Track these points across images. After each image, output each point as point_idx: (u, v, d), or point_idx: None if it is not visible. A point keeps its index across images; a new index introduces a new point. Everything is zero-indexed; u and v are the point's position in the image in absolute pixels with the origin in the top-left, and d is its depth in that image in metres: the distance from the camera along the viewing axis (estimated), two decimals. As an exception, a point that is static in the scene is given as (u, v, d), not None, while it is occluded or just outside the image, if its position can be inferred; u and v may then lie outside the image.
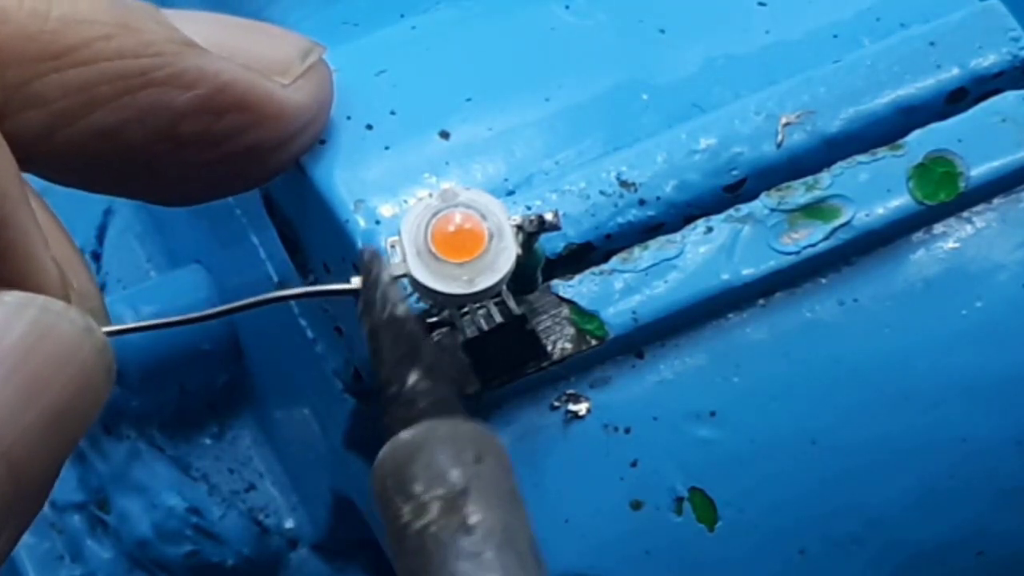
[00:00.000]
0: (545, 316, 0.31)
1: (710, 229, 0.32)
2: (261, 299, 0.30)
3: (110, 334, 0.27)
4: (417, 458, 0.26)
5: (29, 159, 0.27)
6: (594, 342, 0.31)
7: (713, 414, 0.32)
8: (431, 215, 0.29)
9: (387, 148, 0.32)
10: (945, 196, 0.33)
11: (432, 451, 0.26)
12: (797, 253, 0.32)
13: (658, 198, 0.32)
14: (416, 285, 0.29)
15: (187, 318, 0.29)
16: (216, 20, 0.30)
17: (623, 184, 0.32)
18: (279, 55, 0.30)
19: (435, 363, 0.28)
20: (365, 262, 0.29)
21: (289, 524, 0.44)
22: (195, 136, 0.29)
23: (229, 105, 0.29)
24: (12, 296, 0.25)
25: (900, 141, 0.33)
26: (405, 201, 0.31)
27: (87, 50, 0.27)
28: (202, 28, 0.29)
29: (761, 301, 0.32)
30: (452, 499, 0.25)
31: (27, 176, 0.28)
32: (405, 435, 0.26)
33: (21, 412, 0.25)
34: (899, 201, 0.33)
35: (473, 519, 0.25)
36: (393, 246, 0.29)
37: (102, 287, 0.46)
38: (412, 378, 0.27)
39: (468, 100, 0.33)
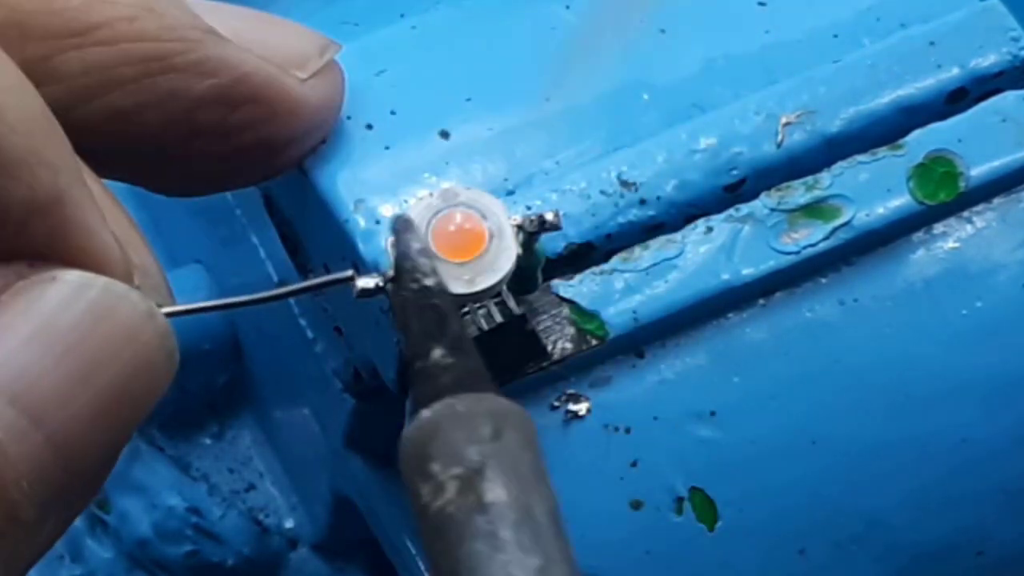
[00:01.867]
0: (545, 316, 0.31)
1: (710, 229, 0.32)
2: (308, 284, 0.29)
3: (170, 315, 0.27)
4: (435, 437, 0.25)
5: None
6: (594, 342, 0.31)
7: (713, 414, 0.32)
8: (431, 215, 0.29)
9: (387, 148, 0.32)
10: (945, 196, 0.33)
11: (449, 429, 0.25)
12: (797, 253, 0.32)
13: (658, 198, 0.32)
14: (416, 285, 0.29)
15: (248, 299, 0.29)
16: (237, 11, 0.30)
17: (623, 184, 0.32)
18: (298, 49, 0.30)
19: (462, 337, 0.27)
20: (396, 230, 0.28)
21: (289, 524, 0.44)
22: (209, 126, 0.29)
23: (246, 97, 0.29)
24: (73, 275, 0.25)
25: (900, 141, 0.33)
26: (405, 201, 0.31)
27: (109, 30, 0.27)
28: (223, 18, 0.29)
29: (761, 301, 0.32)
30: (468, 478, 0.24)
31: None
32: (425, 414, 0.25)
33: (72, 396, 0.24)
34: (899, 201, 0.33)
35: (488, 497, 0.24)
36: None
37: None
38: (436, 353, 0.26)
39: (468, 100, 0.33)
